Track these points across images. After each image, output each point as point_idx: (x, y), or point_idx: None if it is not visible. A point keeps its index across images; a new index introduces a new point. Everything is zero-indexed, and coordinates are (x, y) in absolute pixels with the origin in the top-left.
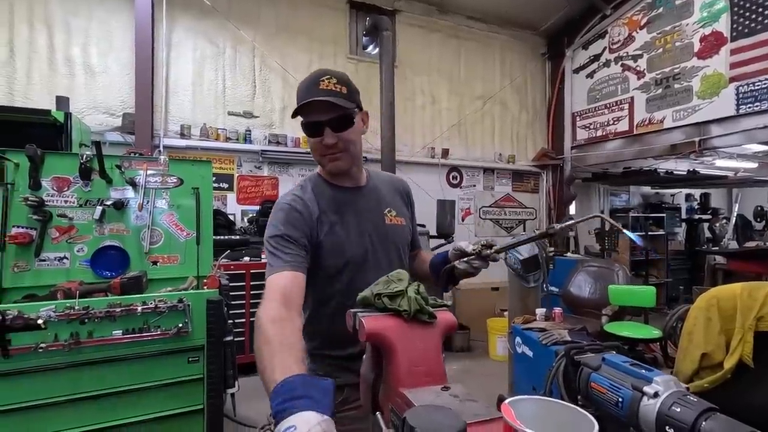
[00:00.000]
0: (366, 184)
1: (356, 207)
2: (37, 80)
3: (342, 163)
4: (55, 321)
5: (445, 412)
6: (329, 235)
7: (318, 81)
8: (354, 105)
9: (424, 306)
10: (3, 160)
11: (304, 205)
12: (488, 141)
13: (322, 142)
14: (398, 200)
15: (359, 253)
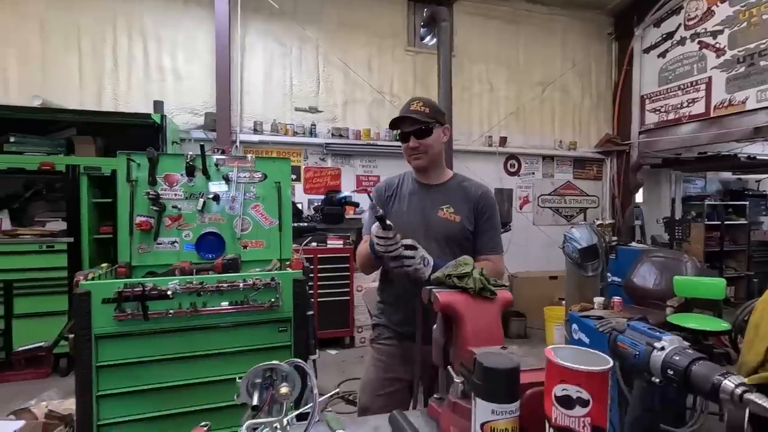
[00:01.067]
0: (441, 183)
1: (420, 196)
2: (135, 87)
3: (421, 161)
4: (179, 292)
5: (504, 357)
6: (391, 209)
7: (411, 104)
8: (434, 120)
9: (486, 285)
10: (130, 161)
11: (385, 185)
12: (548, 128)
13: (409, 146)
14: (462, 202)
15: (406, 229)
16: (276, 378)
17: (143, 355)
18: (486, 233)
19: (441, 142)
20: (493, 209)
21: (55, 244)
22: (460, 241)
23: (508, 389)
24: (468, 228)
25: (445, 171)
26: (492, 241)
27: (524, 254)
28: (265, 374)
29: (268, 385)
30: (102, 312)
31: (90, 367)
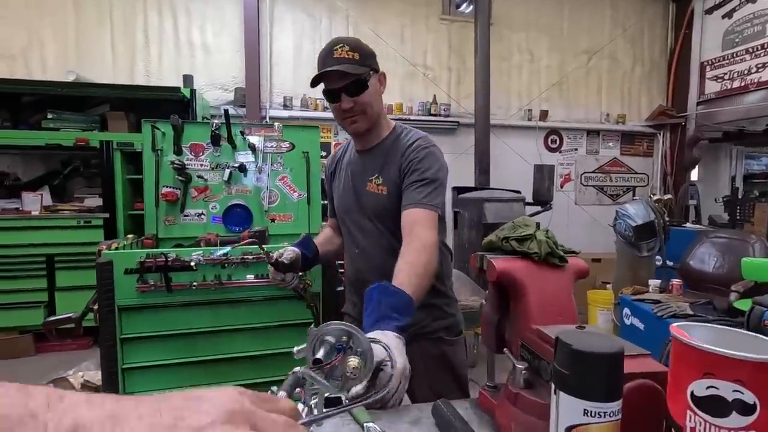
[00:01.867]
0: (374, 147)
1: (353, 169)
2: (166, 62)
3: (359, 125)
4: (203, 264)
5: (596, 337)
6: (333, 188)
7: (332, 50)
8: (368, 68)
9: (555, 249)
10: (155, 130)
11: (330, 161)
12: (593, 100)
13: (341, 107)
14: (392, 166)
15: (340, 210)
16: (351, 347)
17: (168, 328)
18: (411, 186)
19: (379, 95)
20: (424, 157)
21: (92, 220)
22: (394, 219)
23: (609, 382)
24: (398, 197)
25: (386, 127)
26: (420, 193)
27: (565, 235)
28: (341, 336)
29: (340, 348)
30: (125, 283)
31: (114, 339)
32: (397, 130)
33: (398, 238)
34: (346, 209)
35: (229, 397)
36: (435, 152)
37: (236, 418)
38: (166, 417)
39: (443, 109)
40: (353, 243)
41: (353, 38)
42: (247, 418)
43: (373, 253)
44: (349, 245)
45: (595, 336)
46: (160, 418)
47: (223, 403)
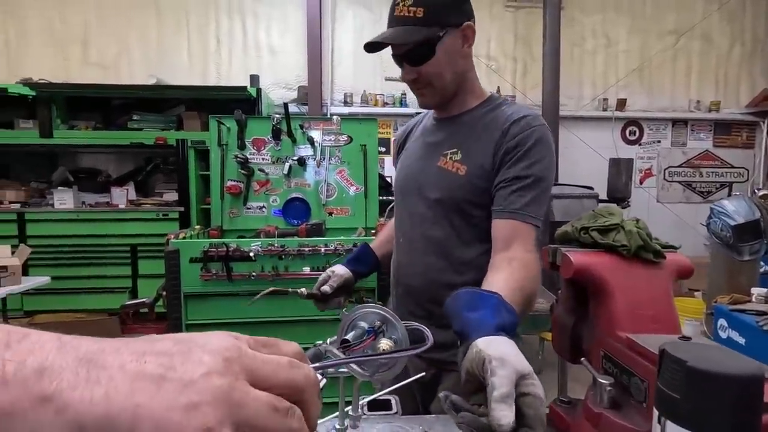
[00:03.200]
0: (459, 115)
1: (428, 138)
2: (235, 64)
3: (426, 98)
4: (261, 254)
5: (720, 351)
6: (401, 160)
7: (395, 5)
8: (436, 28)
9: (648, 242)
10: (221, 125)
11: (400, 133)
12: (681, 86)
13: (403, 77)
14: (481, 141)
15: (399, 189)
16: (385, 330)
17: (228, 316)
18: (510, 184)
19: (460, 57)
20: (533, 145)
21: (169, 213)
22: (465, 208)
23: (742, 414)
24: (479, 184)
25: (476, 94)
26: (521, 198)
27: None
28: (374, 321)
29: (372, 332)
30: (190, 271)
31: (180, 324)
32: (493, 99)
33: (457, 235)
34: (403, 187)
35: (224, 341)
36: (546, 138)
37: (232, 365)
38: (152, 365)
39: None
40: (400, 230)
41: None
42: (244, 364)
43: (419, 248)
44: (396, 232)
45: (715, 350)
46: (145, 366)
47: (218, 349)
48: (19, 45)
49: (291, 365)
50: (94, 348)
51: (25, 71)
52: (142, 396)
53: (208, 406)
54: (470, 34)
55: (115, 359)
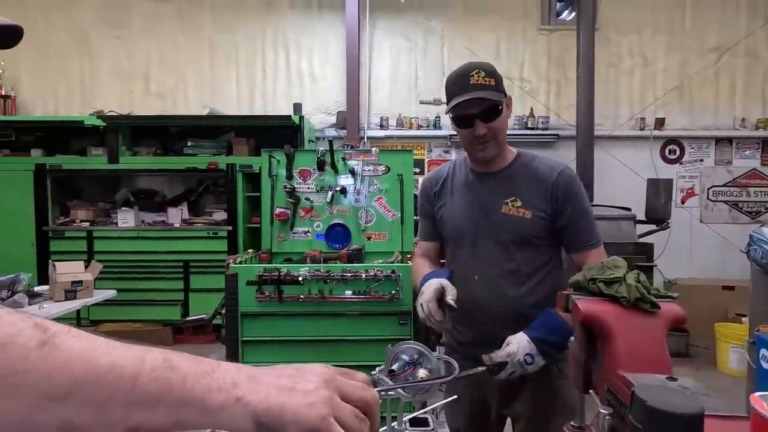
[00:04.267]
0: (502, 170)
1: (476, 190)
2: (279, 92)
3: (490, 151)
4: (308, 279)
5: (678, 394)
6: (444, 209)
7: (468, 76)
8: (502, 95)
9: (645, 295)
10: (271, 158)
11: (434, 180)
12: (725, 104)
13: (473, 133)
14: (533, 190)
15: (458, 232)
16: (422, 362)
17: (279, 335)
18: (576, 224)
19: (506, 120)
20: (578, 190)
21: (219, 231)
22: (534, 242)
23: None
24: (543, 223)
25: (508, 151)
26: (588, 233)
27: (686, 257)
28: (413, 354)
29: (411, 363)
30: (246, 292)
31: (237, 341)
32: (522, 154)
33: (527, 265)
34: (464, 231)
35: (323, 369)
36: (580, 181)
37: (329, 384)
38: (286, 381)
39: (541, 122)
40: (472, 269)
41: (486, 63)
42: (335, 385)
43: (496, 279)
44: (464, 272)
45: (679, 393)
46: (281, 381)
47: (320, 373)
48: (92, 80)
49: (363, 388)
50: (253, 372)
51: (96, 103)
52: (284, 398)
53: (320, 405)
54: (510, 104)
55: (266, 378)
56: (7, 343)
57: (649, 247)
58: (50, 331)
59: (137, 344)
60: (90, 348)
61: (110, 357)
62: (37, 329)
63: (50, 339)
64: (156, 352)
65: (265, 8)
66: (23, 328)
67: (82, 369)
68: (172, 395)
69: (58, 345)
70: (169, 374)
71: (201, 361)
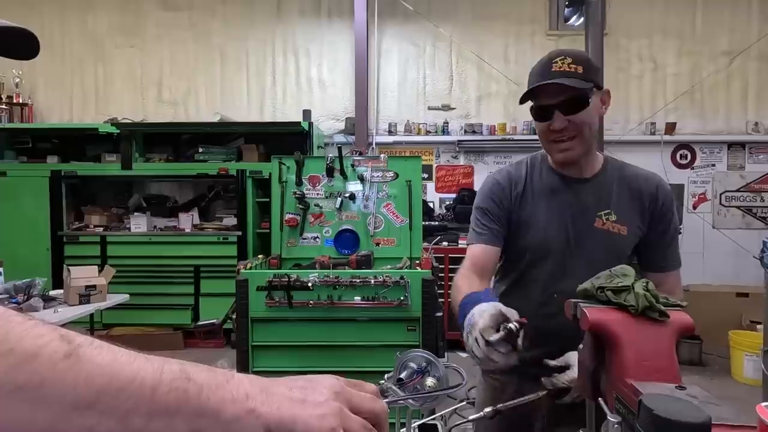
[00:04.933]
0: (593, 177)
1: (566, 199)
2: (289, 98)
3: (573, 152)
4: (318, 285)
5: (684, 403)
6: (526, 216)
7: (551, 62)
8: (591, 84)
9: (654, 303)
10: (281, 165)
11: (509, 180)
12: (737, 108)
13: (551, 126)
14: (630, 204)
15: (547, 247)
16: (429, 370)
17: (289, 340)
18: (666, 243)
19: (597, 116)
20: (674, 207)
21: (228, 237)
22: (622, 259)
23: None
24: (636, 240)
25: (597, 156)
26: (674, 255)
27: (699, 264)
28: (421, 362)
29: (420, 371)
30: (257, 298)
31: (247, 345)
32: (611, 160)
33: None
34: (550, 244)
35: (333, 381)
36: (674, 197)
37: (339, 396)
38: (297, 393)
39: None
40: (550, 285)
41: (577, 50)
42: (346, 396)
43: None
44: (540, 289)
45: (683, 403)
46: (293, 393)
47: (330, 385)
48: (107, 88)
49: (372, 400)
50: (266, 383)
51: (110, 110)
52: (295, 410)
53: (331, 417)
54: (607, 99)
55: (278, 389)
56: (36, 353)
57: None
58: (75, 343)
59: (156, 356)
60: (113, 359)
61: (131, 368)
62: (63, 341)
63: (75, 350)
64: (173, 363)
65: (275, 16)
66: (50, 340)
67: (105, 380)
68: (189, 405)
69: (83, 356)
70: (186, 385)
71: (215, 371)
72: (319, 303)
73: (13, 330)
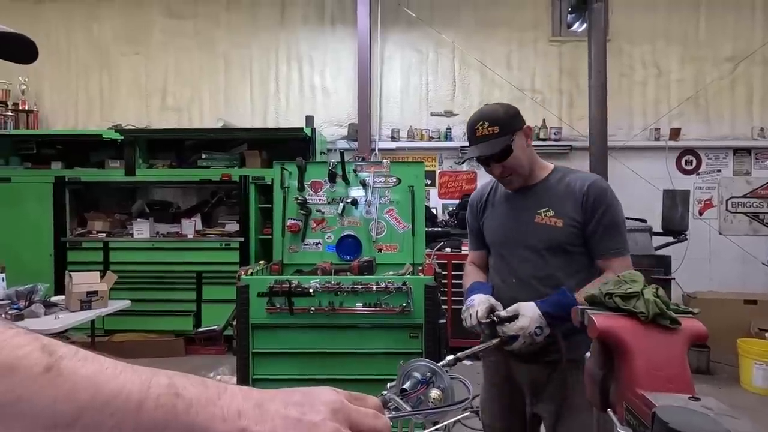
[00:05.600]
0: (537, 184)
1: (514, 203)
2: (292, 105)
3: (514, 183)
4: (319, 291)
5: (700, 416)
6: (487, 220)
7: (474, 129)
8: (510, 135)
9: (665, 310)
10: (284, 170)
11: (478, 197)
12: (742, 113)
13: (492, 172)
14: (565, 201)
15: (497, 241)
16: (434, 381)
17: (290, 347)
18: (602, 233)
19: (526, 148)
20: (609, 202)
21: (231, 243)
22: (567, 249)
23: None
24: (575, 231)
25: (542, 167)
26: (612, 241)
27: (706, 270)
28: (426, 372)
29: (424, 382)
30: (258, 304)
31: (248, 352)
32: (558, 170)
33: (562, 270)
34: (503, 241)
35: (332, 396)
36: (611, 191)
37: (338, 414)
38: (293, 412)
39: (554, 133)
40: (510, 273)
41: (492, 110)
42: (345, 414)
43: (533, 283)
44: (504, 275)
45: (703, 414)
46: (289, 411)
47: (329, 401)
48: (111, 95)
49: (375, 416)
50: (260, 397)
51: (114, 116)
52: (290, 430)
53: None
54: (529, 132)
55: (273, 406)
56: (13, 366)
57: (667, 260)
58: (56, 354)
59: (144, 366)
60: (97, 372)
61: (117, 382)
62: (44, 352)
63: (56, 363)
64: (162, 375)
65: (279, 24)
66: (30, 351)
67: (88, 395)
68: (177, 422)
69: (64, 369)
70: (174, 401)
71: (207, 385)
72: (320, 309)
73: None
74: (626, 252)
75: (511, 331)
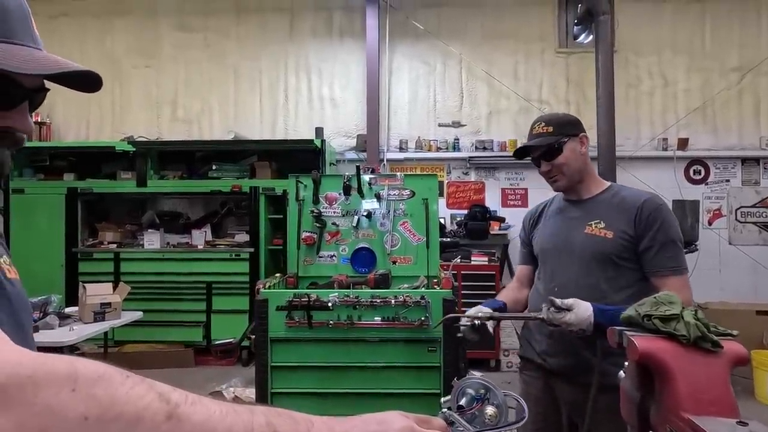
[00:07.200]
0: (591, 198)
1: (565, 214)
2: (301, 116)
3: (560, 183)
4: (338, 305)
5: None
6: (537, 232)
7: (533, 128)
8: (561, 136)
9: (706, 333)
10: (298, 183)
11: (535, 210)
12: (750, 123)
13: (540, 170)
14: (617, 215)
15: (544, 248)
16: (488, 398)
17: (309, 360)
18: (657, 248)
19: (579, 155)
20: (665, 218)
21: (241, 253)
22: (615, 261)
23: None
24: (625, 244)
25: (597, 183)
26: (669, 258)
27: (716, 280)
28: (479, 389)
29: (479, 399)
30: (276, 318)
31: (267, 366)
32: (614, 187)
33: (607, 282)
34: (551, 249)
35: (404, 422)
36: (668, 209)
37: None
38: None
39: None
40: (552, 279)
41: (552, 114)
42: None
43: (574, 291)
44: (546, 282)
45: None
46: None
47: (402, 427)
48: (123, 107)
49: None
50: (341, 429)
51: (126, 128)
52: None
53: None
54: (585, 141)
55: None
56: (139, 418)
57: None
58: (173, 402)
59: (240, 405)
60: (208, 417)
61: (225, 425)
62: (162, 401)
63: (174, 411)
64: (259, 414)
65: (288, 36)
66: (151, 401)
67: None
68: None
69: (182, 415)
70: None
71: (296, 420)
72: (339, 323)
73: (117, 393)
74: (685, 271)
75: (555, 321)
